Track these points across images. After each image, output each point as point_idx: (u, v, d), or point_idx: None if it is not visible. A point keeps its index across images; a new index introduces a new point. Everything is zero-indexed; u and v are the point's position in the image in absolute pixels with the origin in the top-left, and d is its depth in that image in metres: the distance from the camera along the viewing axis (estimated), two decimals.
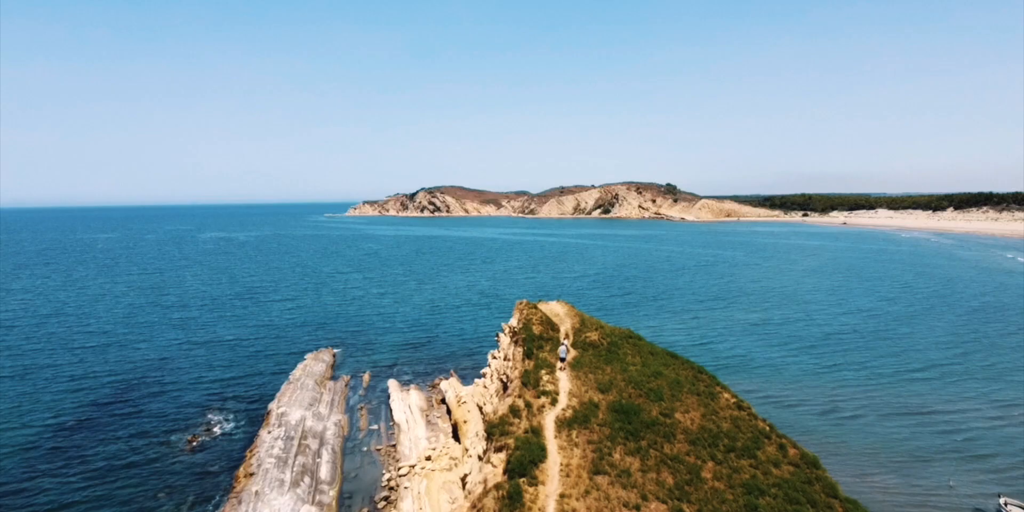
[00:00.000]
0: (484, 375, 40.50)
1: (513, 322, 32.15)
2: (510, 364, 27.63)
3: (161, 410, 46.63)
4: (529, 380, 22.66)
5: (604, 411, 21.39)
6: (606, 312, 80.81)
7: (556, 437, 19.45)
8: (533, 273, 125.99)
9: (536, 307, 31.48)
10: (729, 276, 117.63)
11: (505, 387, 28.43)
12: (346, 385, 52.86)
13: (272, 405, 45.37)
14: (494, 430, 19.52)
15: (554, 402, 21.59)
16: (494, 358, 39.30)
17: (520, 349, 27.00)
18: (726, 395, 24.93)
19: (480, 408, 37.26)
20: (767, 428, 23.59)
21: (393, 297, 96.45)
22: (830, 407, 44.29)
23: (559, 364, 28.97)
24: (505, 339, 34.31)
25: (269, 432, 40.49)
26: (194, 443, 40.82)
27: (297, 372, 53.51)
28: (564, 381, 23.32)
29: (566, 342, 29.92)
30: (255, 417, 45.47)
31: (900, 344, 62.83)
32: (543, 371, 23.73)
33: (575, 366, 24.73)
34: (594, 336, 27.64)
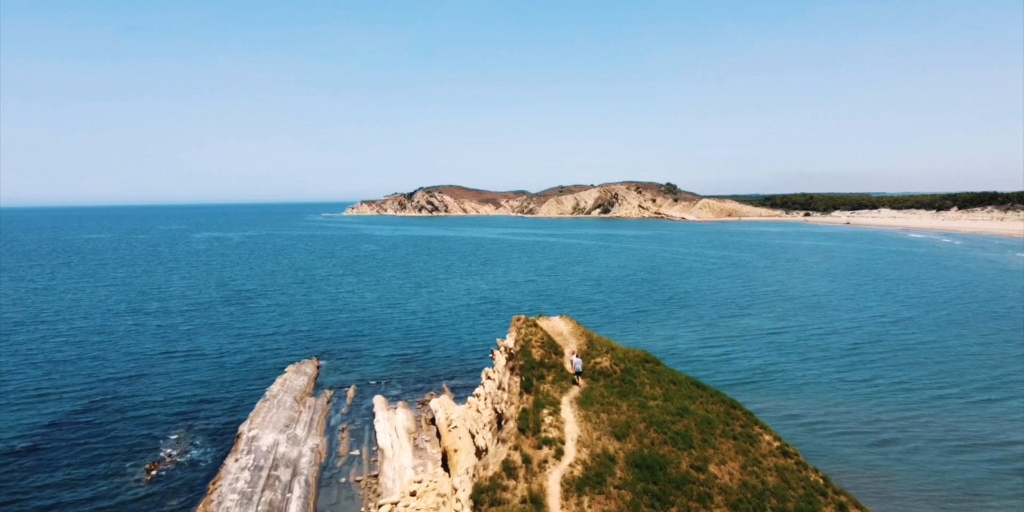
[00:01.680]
0: (477, 395, 36.11)
1: (509, 342, 27.71)
2: (506, 396, 23.21)
3: (124, 433, 42.19)
4: (528, 424, 18.24)
5: (622, 466, 16.98)
6: (613, 320, 76.31)
7: (563, 507, 15.04)
8: (534, 276, 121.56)
9: (536, 325, 26.99)
10: (741, 279, 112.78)
11: (499, 420, 24.03)
12: (328, 402, 48.42)
13: (243, 427, 40.91)
14: (483, 497, 15.13)
15: (559, 454, 17.17)
16: (488, 378, 34.88)
17: (517, 379, 22.56)
18: (767, 438, 20.51)
19: (472, 435, 32.85)
20: (821, 481, 19.19)
21: (387, 302, 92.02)
22: (869, 433, 39.36)
23: (577, 378, 24.84)
24: (500, 360, 29.88)
25: (236, 460, 36.08)
26: (153, 472, 36.39)
27: (275, 387, 49.08)
28: (571, 424, 18.90)
29: (577, 359, 25.79)
30: (225, 440, 41.05)
31: (935, 356, 57.77)
32: (545, 411, 19.29)
33: (584, 403, 20.29)
34: (605, 362, 23.19)
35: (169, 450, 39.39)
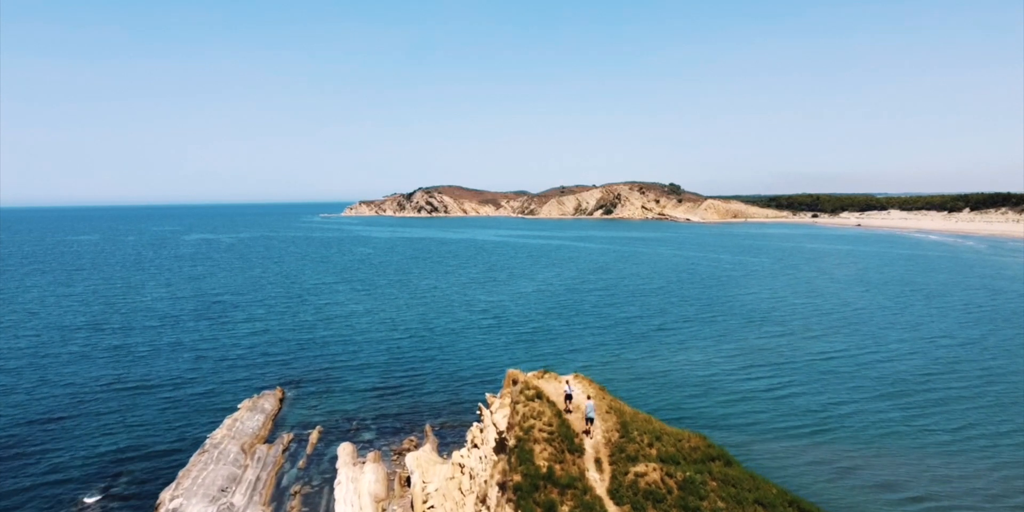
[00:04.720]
0: (461, 466, 27.36)
1: (499, 420, 18.95)
2: None
3: (21, 501, 33.61)
4: None
5: None
6: (633, 341, 66.98)
7: None
8: (542, 284, 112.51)
9: (540, 396, 18.14)
10: (769, 290, 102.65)
11: None
12: (284, 451, 39.74)
13: (165, 494, 32.21)
14: None
15: None
16: (475, 446, 26.11)
17: (511, 507, 13.81)
18: None
19: None
20: None
21: (376, 317, 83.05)
22: None
23: (586, 426, 18.86)
24: (489, 433, 21.08)
25: None
26: None
27: (220, 432, 40.33)
28: None
29: (589, 403, 18.05)
30: (150, 509, 32.44)
31: None
32: None
33: None
34: (653, 473, 14.46)
35: None
